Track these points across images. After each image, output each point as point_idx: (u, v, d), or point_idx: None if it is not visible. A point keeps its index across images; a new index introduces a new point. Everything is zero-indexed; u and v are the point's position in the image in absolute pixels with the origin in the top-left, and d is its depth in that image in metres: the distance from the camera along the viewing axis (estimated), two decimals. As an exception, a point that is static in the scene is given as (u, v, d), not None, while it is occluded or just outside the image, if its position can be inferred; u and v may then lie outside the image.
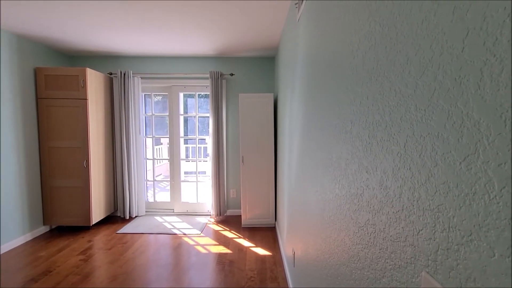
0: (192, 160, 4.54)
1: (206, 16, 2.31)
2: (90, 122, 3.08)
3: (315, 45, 1.26)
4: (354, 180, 0.77)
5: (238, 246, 2.78)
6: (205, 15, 2.27)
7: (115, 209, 3.66)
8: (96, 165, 3.21)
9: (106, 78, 3.42)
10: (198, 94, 3.80)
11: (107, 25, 2.51)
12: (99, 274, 2.24)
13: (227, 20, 2.39)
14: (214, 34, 2.74)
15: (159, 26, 2.52)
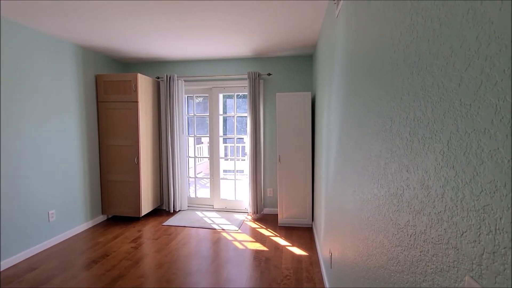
0: (230, 159, 4.69)
1: (244, 20, 2.38)
2: (140, 122, 3.38)
3: (354, 41, 1.23)
4: (394, 179, 0.75)
5: (275, 244, 2.81)
6: (243, 19, 2.34)
7: (161, 202, 3.96)
8: (145, 162, 3.52)
9: (154, 82, 3.72)
10: (236, 95, 3.92)
11: (155, 34, 2.73)
12: (148, 261, 2.46)
13: (264, 22, 2.43)
14: (251, 36, 2.80)
15: (200, 32, 2.66)
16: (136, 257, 2.53)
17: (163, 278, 2.17)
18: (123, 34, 2.75)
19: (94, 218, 3.40)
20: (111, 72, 3.68)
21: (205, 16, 2.30)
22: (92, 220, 3.35)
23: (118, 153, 3.43)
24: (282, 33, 2.72)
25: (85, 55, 3.23)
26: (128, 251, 2.67)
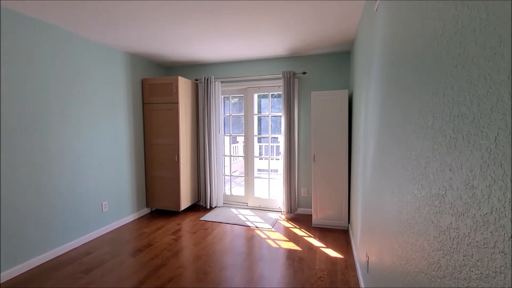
0: (265, 158, 4.73)
1: (279, 20, 2.39)
2: (180, 122, 3.59)
3: (394, 34, 1.17)
4: (435, 179, 0.70)
5: (308, 244, 2.77)
6: (278, 18, 2.36)
7: (198, 198, 4.16)
8: (184, 159, 3.73)
9: (193, 84, 3.92)
10: (271, 94, 3.94)
11: (194, 39, 2.88)
12: (186, 253, 2.61)
13: (300, 20, 2.42)
14: (287, 36, 2.80)
15: (236, 34, 2.74)
16: (176, 249, 2.70)
17: (200, 270, 2.29)
18: (165, 41, 2.95)
19: (140, 211, 3.70)
20: (155, 75, 3.97)
21: (240, 18, 2.37)
22: (138, 212, 3.65)
23: (161, 151, 3.69)
24: (319, 31, 2.67)
25: (133, 61, 3.53)
26: (169, 242, 2.86)
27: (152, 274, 2.24)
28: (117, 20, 2.38)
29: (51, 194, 2.49)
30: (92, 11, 2.20)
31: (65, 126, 2.62)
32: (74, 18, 2.34)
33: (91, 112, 2.91)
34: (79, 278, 2.18)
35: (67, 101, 2.63)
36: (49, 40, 2.45)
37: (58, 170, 2.55)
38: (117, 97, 3.27)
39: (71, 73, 2.67)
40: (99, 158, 3.03)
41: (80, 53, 2.77)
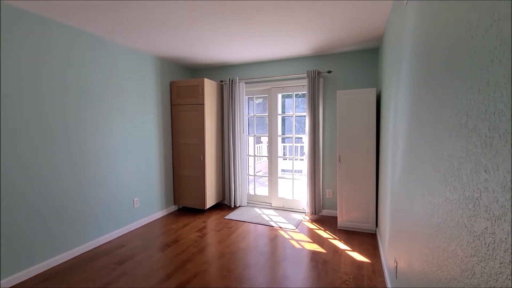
0: (289, 158, 4.70)
1: (305, 19, 2.37)
2: (206, 123, 3.70)
3: (425, 29, 1.12)
4: (469, 181, 0.66)
5: (333, 247, 2.71)
6: (303, 17, 2.34)
7: (223, 197, 4.24)
8: (209, 159, 3.83)
9: (218, 85, 4.01)
10: (295, 94, 3.91)
11: (219, 41, 2.95)
12: (211, 250, 2.68)
13: (326, 19, 2.38)
14: (311, 34, 2.76)
15: (261, 35, 2.76)
16: (201, 245, 2.79)
17: (224, 267, 2.34)
18: (192, 44, 3.06)
19: (168, 208, 3.86)
20: (182, 78, 4.12)
21: (265, 20, 2.38)
22: (166, 209, 3.82)
23: (187, 150, 3.82)
24: (346, 28, 2.61)
25: (162, 64, 3.70)
26: (194, 239, 2.95)
27: (179, 268, 2.33)
28: (148, 27, 2.52)
29: (89, 190, 2.70)
30: (125, 20, 2.35)
31: (100, 127, 2.82)
32: (108, 26, 2.51)
33: (124, 114, 3.10)
34: (113, 269, 2.34)
35: (101, 103, 2.83)
36: (86, 46, 2.65)
37: (94, 168, 2.75)
38: (147, 99, 3.45)
39: (106, 77, 2.87)
40: (131, 157, 3.21)
41: (114, 58, 2.96)
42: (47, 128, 2.31)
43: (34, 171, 2.22)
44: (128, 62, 3.15)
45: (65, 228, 2.48)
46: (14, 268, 2.11)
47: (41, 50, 2.25)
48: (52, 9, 2.14)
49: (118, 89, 3.02)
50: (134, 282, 2.13)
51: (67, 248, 2.50)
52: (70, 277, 2.21)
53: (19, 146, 2.12)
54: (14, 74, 2.08)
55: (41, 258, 2.29)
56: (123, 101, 3.08)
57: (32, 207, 2.22)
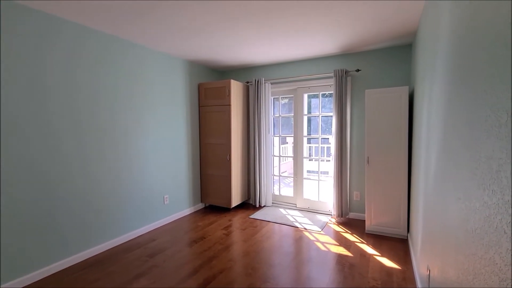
0: (315, 159, 4.63)
1: (333, 18, 2.33)
2: (232, 123, 3.77)
3: (461, 21, 1.05)
4: (510, 185, 0.62)
5: (360, 251, 2.63)
6: (331, 16, 2.30)
7: (248, 197, 4.30)
8: (235, 159, 3.90)
9: (244, 86, 4.07)
10: (321, 94, 3.85)
11: (246, 43, 3.00)
12: (236, 248, 2.73)
13: (356, 16, 2.32)
14: (340, 32, 2.71)
15: (286, 36, 2.76)
16: (226, 243, 2.85)
17: (249, 266, 2.38)
18: (219, 47, 3.14)
19: (195, 205, 4.00)
20: (210, 80, 4.25)
21: (292, 21, 2.38)
22: (193, 207, 3.96)
23: (214, 150, 3.93)
24: (376, 25, 2.52)
25: (191, 67, 3.84)
26: (220, 236, 3.03)
27: (206, 264, 2.41)
28: (177, 33, 2.64)
29: (123, 186, 2.89)
30: (156, 27, 2.48)
31: (134, 128, 3.00)
32: (141, 33, 2.67)
33: (155, 115, 3.27)
34: (145, 261, 2.48)
35: (135, 105, 3.01)
36: (121, 51, 2.84)
37: (128, 166, 2.94)
38: (177, 101, 3.61)
39: (139, 80, 3.05)
40: (161, 156, 3.38)
41: (147, 62, 3.14)
42: (85, 129, 2.52)
43: (74, 169, 2.43)
44: (160, 65, 3.32)
45: (102, 221, 2.68)
46: (59, 256, 2.33)
47: (77, 56, 2.46)
48: (90, 19, 2.34)
49: (150, 91, 3.19)
50: (164, 274, 2.24)
51: (104, 239, 2.70)
52: (107, 266, 2.39)
53: (60, 145, 2.33)
54: (55, 79, 2.30)
55: (83, 247, 2.50)
56: (155, 102, 3.26)
57: (72, 201, 2.43)
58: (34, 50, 2.11)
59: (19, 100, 2.04)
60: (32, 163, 2.12)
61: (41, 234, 2.19)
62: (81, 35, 2.45)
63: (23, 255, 2.08)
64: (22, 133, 2.05)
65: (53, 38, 2.23)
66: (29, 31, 2.08)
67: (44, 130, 2.20)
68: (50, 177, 2.24)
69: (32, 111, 2.12)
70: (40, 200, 2.18)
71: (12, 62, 1.99)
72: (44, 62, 2.19)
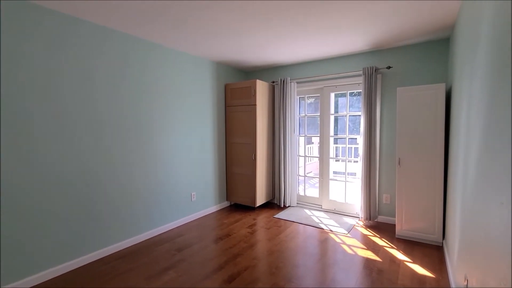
0: (341, 160, 4.51)
1: (363, 15, 2.26)
2: (257, 123, 3.80)
3: (507, 12, 0.97)
4: (562, 188, 0.56)
5: (390, 256, 2.51)
6: (363, 10, 2.23)
7: (272, 197, 4.30)
8: (260, 158, 3.92)
9: (270, 86, 4.08)
10: (349, 93, 3.74)
11: (272, 43, 3.00)
12: (260, 246, 2.75)
13: (389, 11, 2.22)
14: (370, 29, 2.61)
15: (313, 34, 2.72)
16: (251, 241, 2.88)
17: (273, 264, 2.38)
18: (245, 48, 3.18)
19: (221, 203, 4.09)
20: (236, 80, 4.32)
21: (322, 18, 2.35)
22: (219, 204, 4.05)
23: (239, 149, 3.99)
24: (410, 19, 2.40)
25: (218, 68, 3.94)
26: (245, 234, 3.07)
27: (230, 260, 2.46)
28: (205, 36, 2.72)
29: (154, 183, 3.04)
30: (186, 31, 2.58)
31: (165, 127, 3.14)
32: (172, 36, 2.79)
33: (184, 115, 3.40)
34: (173, 254, 2.59)
35: (167, 106, 3.15)
36: (154, 55, 2.99)
37: (159, 164, 3.09)
38: (205, 101, 3.72)
39: (172, 82, 3.19)
40: (189, 154, 3.50)
41: (177, 64, 3.28)
42: (124, 128, 2.69)
43: (113, 165, 2.61)
44: (189, 67, 3.44)
45: (135, 215, 2.84)
46: (97, 246, 2.51)
47: (124, 61, 2.64)
48: (131, 26, 2.49)
49: (179, 92, 3.32)
50: (191, 268, 2.32)
51: (137, 233, 2.86)
52: (139, 257, 2.53)
53: (105, 145, 2.52)
54: (102, 85, 2.48)
55: (118, 239, 2.68)
56: (183, 103, 3.39)
57: (110, 195, 2.61)
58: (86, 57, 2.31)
59: (65, 100, 2.24)
60: (76, 160, 2.32)
61: (83, 224, 2.38)
62: (132, 43, 2.63)
63: (67, 243, 2.28)
64: (72, 133, 2.25)
65: (101, 45, 2.42)
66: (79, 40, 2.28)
67: (93, 130, 2.39)
68: (93, 174, 2.43)
69: (80, 110, 2.31)
70: (83, 193, 2.38)
71: (59, 62, 2.19)
72: (93, 66, 2.38)
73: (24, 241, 2.04)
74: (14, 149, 1.96)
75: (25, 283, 2.04)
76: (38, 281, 2.11)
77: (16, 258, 1.99)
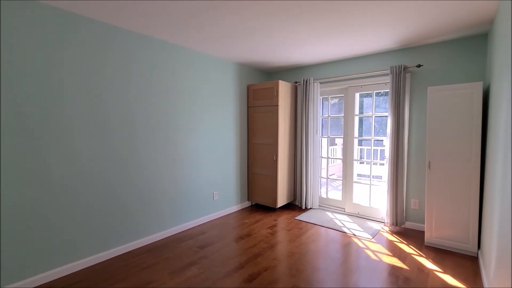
0: (366, 162, 4.35)
1: (393, 7, 2.17)
2: (279, 124, 3.79)
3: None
4: None
5: (418, 265, 2.39)
6: (393, 5, 2.15)
7: (293, 198, 4.26)
8: (282, 159, 3.91)
9: (292, 86, 4.06)
10: (375, 93, 3.61)
11: (294, 43, 2.99)
12: (280, 247, 2.74)
13: (420, 6, 2.12)
14: (398, 25, 2.50)
15: (337, 33, 2.66)
16: (271, 242, 2.88)
17: (293, 266, 2.36)
18: (268, 49, 3.19)
19: (242, 203, 4.13)
20: (258, 81, 4.34)
21: (348, 15, 2.30)
22: (240, 204, 4.09)
23: (261, 150, 4.01)
24: (444, 13, 2.26)
25: (241, 69, 3.99)
26: (265, 235, 3.07)
27: (251, 260, 2.48)
28: (229, 37, 2.76)
29: (179, 181, 3.14)
30: (209, 35, 2.64)
31: (189, 129, 3.24)
32: (195, 39, 2.87)
33: (206, 115, 3.49)
34: (196, 251, 2.66)
35: (191, 107, 3.25)
36: (177, 57, 3.10)
37: (184, 163, 3.19)
38: (228, 102, 3.78)
39: (193, 84, 3.29)
40: (212, 154, 3.58)
41: (202, 66, 3.37)
42: (153, 128, 2.82)
43: (142, 165, 2.74)
44: (213, 69, 3.52)
45: (160, 212, 2.96)
46: (127, 240, 2.65)
47: (155, 65, 2.77)
48: (164, 32, 2.61)
49: (203, 93, 3.41)
50: (212, 266, 2.38)
51: (161, 229, 2.98)
52: (163, 252, 2.64)
53: (135, 145, 2.65)
54: (136, 88, 2.62)
55: (144, 235, 2.81)
56: (206, 103, 3.47)
57: (137, 192, 2.74)
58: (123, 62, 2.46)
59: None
60: (111, 159, 2.47)
61: (117, 219, 2.53)
62: (163, 48, 2.76)
63: (102, 235, 2.44)
64: (113, 133, 2.41)
65: (136, 52, 2.57)
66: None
67: (129, 131, 2.53)
68: (125, 172, 2.58)
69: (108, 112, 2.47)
70: (117, 190, 2.53)
71: (101, 68, 2.35)
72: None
73: (67, 230, 2.21)
74: (60, 148, 2.14)
75: (65, 270, 2.21)
76: (74, 269, 2.28)
77: (58, 244, 2.17)
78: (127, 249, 2.66)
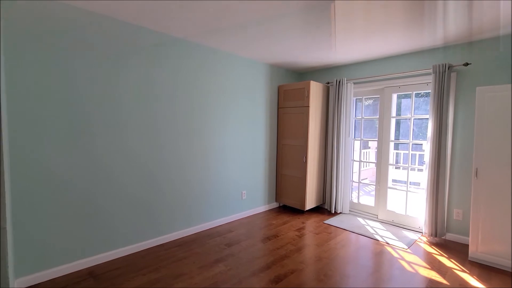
0: (402, 167, 4.10)
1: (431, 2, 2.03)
2: (310, 125, 3.73)
3: None
4: None
5: (460, 281, 2.19)
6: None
7: (323, 201, 4.16)
8: (312, 161, 3.83)
9: (324, 87, 3.96)
10: (415, 93, 3.39)
11: (322, 43, 2.92)
12: (308, 251, 2.69)
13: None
14: (439, 20, 2.33)
15: (374, 31, 2.55)
16: (299, 244, 2.84)
17: (321, 271, 2.30)
18: (299, 50, 3.15)
19: (270, 203, 4.13)
20: (289, 81, 4.31)
21: (389, 11, 2.19)
22: (268, 205, 4.10)
23: (290, 151, 3.97)
24: (496, 4, 2.06)
25: (272, 70, 3.99)
26: (293, 237, 3.04)
27: (277, 261, 2.46)
28: (261, 39, 2.78)
29: (208, 179, 3.24)
30: (243, 37, 2.69)
31: (219, 129, 3.32)
32: (230, 43, 2.94)
33: (237, 116, 3.54)
34: (223, 248, 2.72)
35: (223, 108, 3.33)
36: (214, 61, 3.20)
37: (213, 162, 3.28)
38: (258, 102, 3.81)
39: (225, 85, 3.37)
40: (242, 154, 3.63)
41: (233, 67, 3.43)
42: (193, 129, 2.95)
43: (183, 164, 2.88)
44: (244, 70, 3.58)
45: (190, 209, 3.08)
46: (160, 233, 2.80)
47: (179, 68, 2.90)
48: (206, 38, 2.72)
49: (236, 94, 3.48)
50: (239, 264, 2.41)
51: (191, 225, 3.09)
52: (193, 247, 2.73)
53: (178, 144, 2.80)
54: (180, 94, 2.77)
55: (174, 229, 2.94)
56: (238, 104, 3.53)
57: (168, 190, 2.88)
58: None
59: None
60: (157, 157, 2.64)
61: (152, 212, 2.69)
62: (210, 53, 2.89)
63: (138, 227, 2.60)
64: (158, 133, 2.58)
65: (184, 57, 2.72)
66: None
67: (172, 132, 2.69)
68: (167, 170, 2.73)
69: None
70: (156, 184, 2.68)
71: (154, 76, 2.52)
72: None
73: (114, 220, 2.40)
74: (116, 145, 2.34)
75: (106, 257, 2.40)
76: (111, 257, 2.46)
77: (104, 232, 2.37)
78: (160, 241, 2.80)
